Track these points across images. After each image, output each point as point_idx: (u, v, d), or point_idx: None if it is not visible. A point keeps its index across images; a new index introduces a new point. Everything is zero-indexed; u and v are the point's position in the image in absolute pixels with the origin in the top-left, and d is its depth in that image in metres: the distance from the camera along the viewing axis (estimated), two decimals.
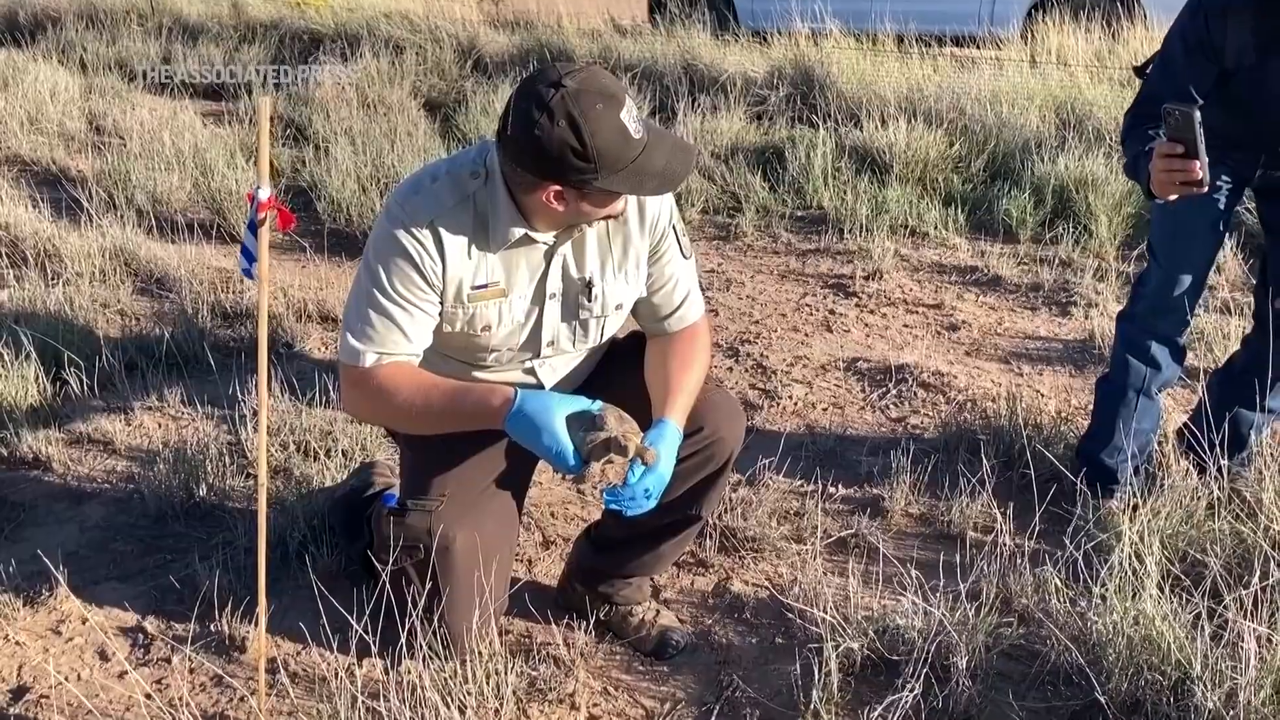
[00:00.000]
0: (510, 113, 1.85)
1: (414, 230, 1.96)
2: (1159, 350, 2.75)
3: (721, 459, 2.24)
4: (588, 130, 1.79)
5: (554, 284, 2.10)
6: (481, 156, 2.01)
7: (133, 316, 3.96)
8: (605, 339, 2.25)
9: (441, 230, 1.96)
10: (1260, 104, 2.46)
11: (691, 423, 2.15)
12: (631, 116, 1.84)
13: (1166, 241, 2.70)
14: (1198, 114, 2.20)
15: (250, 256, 1.98)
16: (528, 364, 2.20)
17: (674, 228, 2.16)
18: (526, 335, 2.14)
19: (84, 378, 3.39)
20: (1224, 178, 2.60)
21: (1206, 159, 2.23)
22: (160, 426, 3.25)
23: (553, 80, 1.81)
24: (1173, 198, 2.34)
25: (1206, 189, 2.28)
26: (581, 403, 1.93)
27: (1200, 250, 2.69)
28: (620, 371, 2.29)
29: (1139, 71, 2.68)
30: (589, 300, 2.13)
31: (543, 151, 1.81)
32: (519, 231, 1.99)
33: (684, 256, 2.20)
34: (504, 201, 1.97)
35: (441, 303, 2.03)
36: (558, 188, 1.88)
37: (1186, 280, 2.67)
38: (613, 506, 2.00)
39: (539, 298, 2.10)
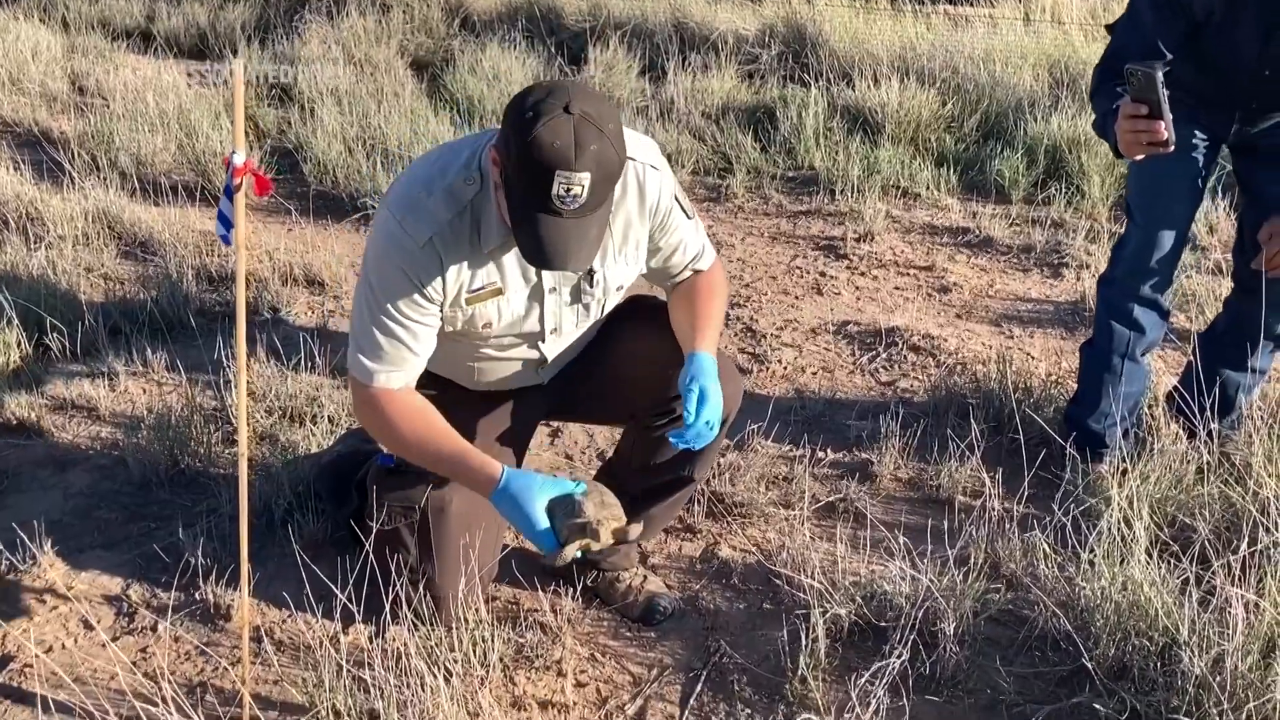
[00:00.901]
0: (514, 101, 1.81)
1: (414, 251, 1.92)
2: (1141, 313, 2.73)
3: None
4: (524, 145, 1.74)
5: (552, 278, 2.08)
6: (475, 157, 1.95)
7: (116, 280, 3.92)
8: (605, 312, 2.24)
9: (440, 247, 1.93)
10: (1230, 59, 2.42)
11: None
12: (568, 184, 1.75)
13: (1145, 201, 2.67)
14: (1160, 74, 2.18)
15: (227, 223, 1.94)
16: (531, 347, 2.19)
17: (675, 199, 2.12)
18: (528, 325, 2.13)
19: (67, 343, 3.36)
20: (1199, 134, 2.57)
21: (1171, 118, 2.21)
22: (144, 392, 3.22)
23: (564, 103, 1.75)
24: (1139, 157, 2.32)
25: (1173, 149, 2.26)
26: (565, 485, 1.96)
27: (1180, 209, 2.66)
28: (619, 337, 2.28)
29: (1110, 28, 2.64)
30: (590, 286, 2.12)
31: (506, 144, 1.81)
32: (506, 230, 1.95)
33: (687, 218, 2.16)
34: (494, 204, 1.94)
35: (440, 309, 2.01)
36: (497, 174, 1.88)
37: (1166, 240, 2.65)
38: (681, 445, 2.04)
39: (538, 293, 2.09)
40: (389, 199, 1.99)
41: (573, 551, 1.94)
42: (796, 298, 3.95)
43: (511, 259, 2.02)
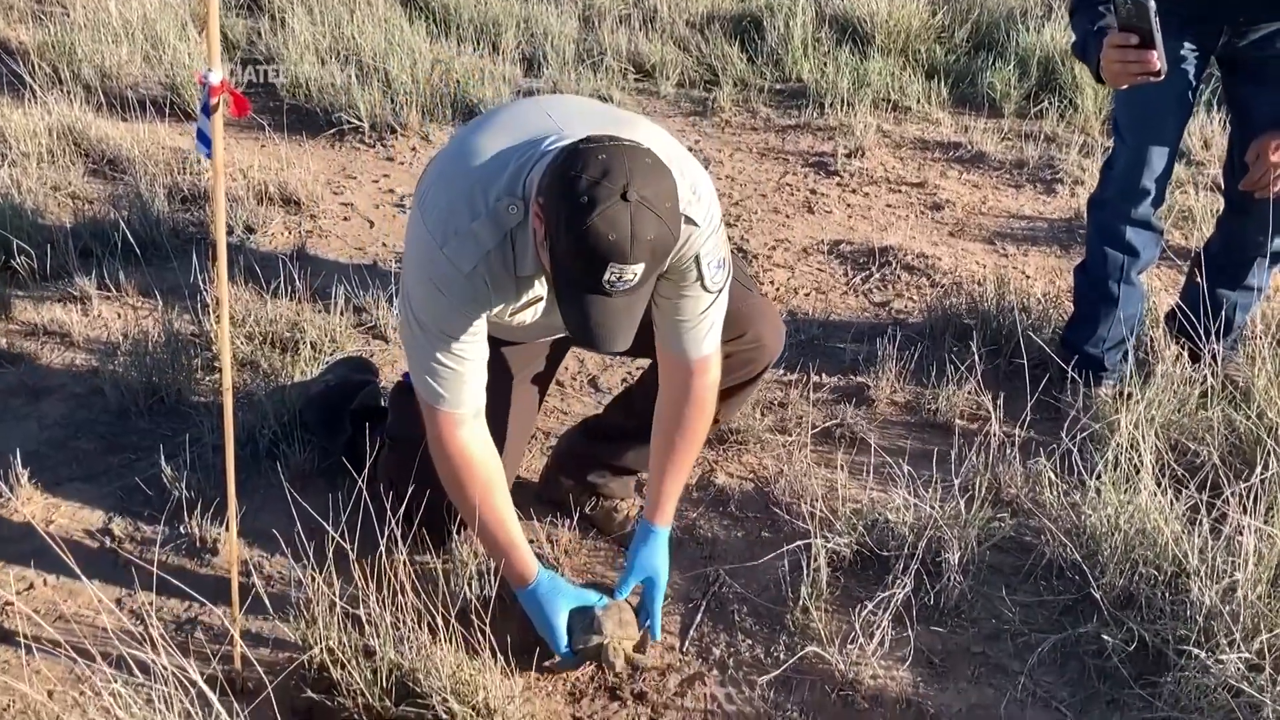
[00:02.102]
0: (564, 168, 1.63)
1: (458, 280, 1.79)
2: (1134, 234, 2.67)
3: (759, 367, 2.20)
4: (579, 233, 1.58)
5: None
6: (520, 182, 1.77)
7: (85, 200, 3.78)
8: None
9: (485, 274, 1.80)
10: None
11: (735, 327, 2.08)
12: (621, 273, 1.60)
13: (1133, 119, 2.59)
14: (1153, 2, 2.09)
15: (207, 141, 1.83)
16: (554, 336, 2.12)
17: (697, 261, 1.90)
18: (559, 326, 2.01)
19: (35, 266, 3.24)
20: (1188, 45, 2.48)
21: (1162, 47, 2.13)
22: (119, 317, 3.12)
23: (622, 188, 1.57)
24: (1125, 86, 2.25)
25: (1164, 77, 2.18)
26: (589, 598, 2.02)
27: (1169, 126, 2.59)
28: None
29: None
30: None
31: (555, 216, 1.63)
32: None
33: (705, 290, 1.94)
34: (533, 246, 1.79)
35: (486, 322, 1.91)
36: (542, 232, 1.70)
37: (1157, 158, 2.58)
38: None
39: None
40: (427, 214, 1.82)
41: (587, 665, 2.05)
42: (787, 216, 3.86)
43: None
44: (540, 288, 1.91)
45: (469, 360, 1.87)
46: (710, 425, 2.12)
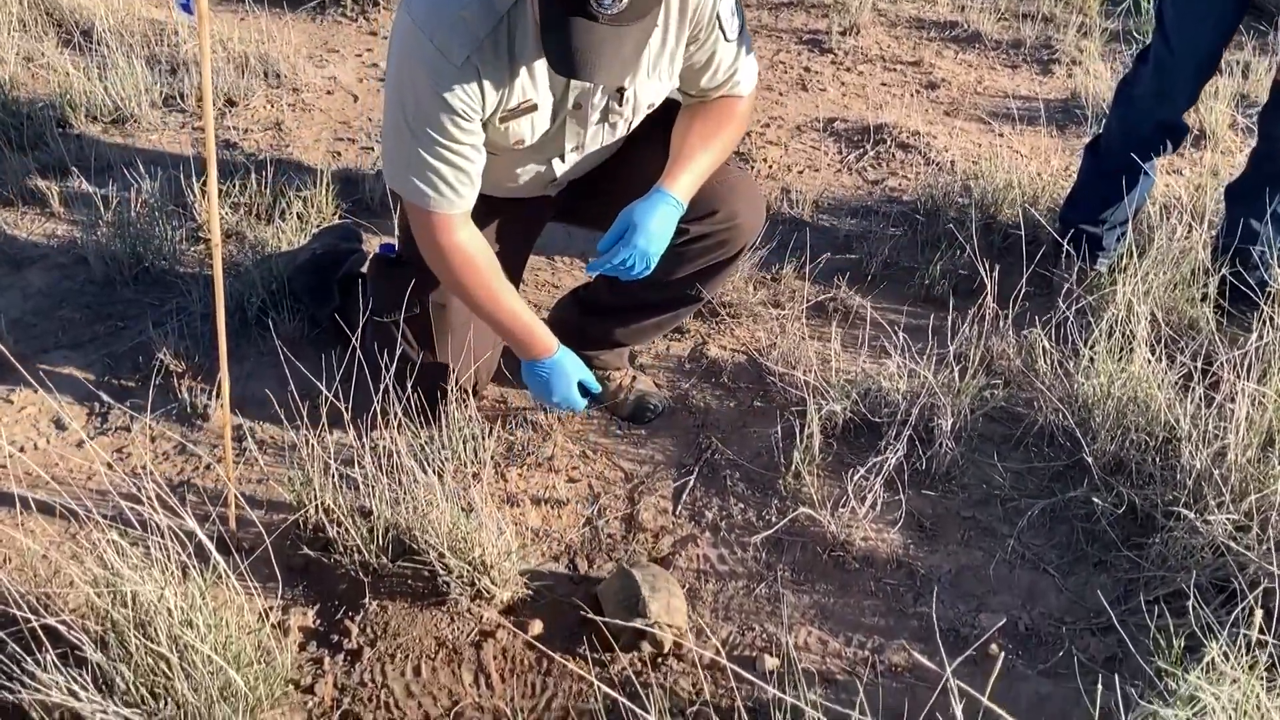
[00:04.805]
0: None
1: (450, 72, 1.73)
2: (1156, 133, 2.57)
3: (735, 246, 2.14)
4: None
5: (584, 94, 1.91)
6: None
7: (60, 71, 3.67)
8: (631, 130, 2.08)
9: (478, 65, 1.74)
10: None
11: (707, 204, 2.04)
12: None
13: (1180, 17, 2.43)
14: None
15: (188, 5, 1.75)
16: (545, 163, 2.04)
17: (718, 18, 1.90)
18: (556, 140, 1.97)
19: (11, 136, 3.16)
20: None
21: None
22: (101, 187, 3.05)
23: None
24: None
25: None
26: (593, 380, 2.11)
27: (1215, 28, 2.43)
28: (632, 157, 2.13)
29: None
30: (619, 105, 1.95)
31: None
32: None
33: (727, 40, 1.94)
34: (531, 15, 1.73)
35: (483, 125, 1.85)
36: None
37: (1195, 60, 2.45)
38: (591, 273, 1.98)
39: (569, 106, 1.92)
40: (413, 8, 1.76)
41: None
42: (780, 94, 3.79)
43: (543, 70, 1.83)
44: (538, 89, 1.85)
45: (465, 159, 1.83)
46: (738, 137, 2.07)
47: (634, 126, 2.06)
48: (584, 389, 2.10)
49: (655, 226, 1.90)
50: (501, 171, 2.01)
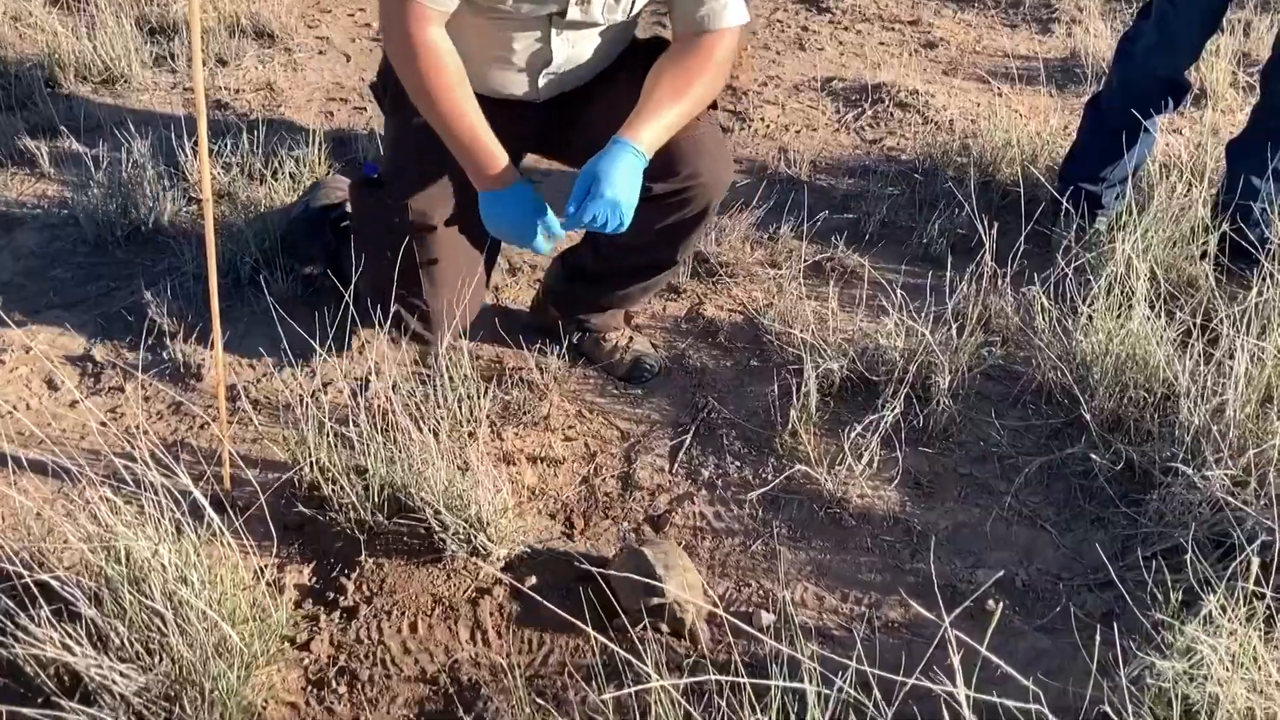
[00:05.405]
0: None
1: None
2: (1157, 88, 2.56)
3: (700, 205, 2.06)
4: None
5: None
6: None
7: (49, 31, 3.63)
8: (631, 16, 2.01)
9: None
10: None
11: (671, 162, 1.97)
12: None
13: None
14: None
15: None
16: (548, 27, 1.96)
17: None
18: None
19: (0, 95, 3.13)
20: None
21: None
22: (90, 148, 3.02)
23: None
24: None
25: None
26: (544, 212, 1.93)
27: None
28: (619, 85, 2.06)
29: None
30: None
31: None
32: None
33: None
34: None
35: None
36: None
37: (1199, 14, 2.44)
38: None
39: None
40: None
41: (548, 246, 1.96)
42: (778, 53, 3.76)
43: None
44: None
45: None
46: (714, 90, 1.98)
47: (631, 14, 1.99)
48: (549, 233, 1.94)
49: (619, 176, 1.82)
50: (496, 41, 1.95)
